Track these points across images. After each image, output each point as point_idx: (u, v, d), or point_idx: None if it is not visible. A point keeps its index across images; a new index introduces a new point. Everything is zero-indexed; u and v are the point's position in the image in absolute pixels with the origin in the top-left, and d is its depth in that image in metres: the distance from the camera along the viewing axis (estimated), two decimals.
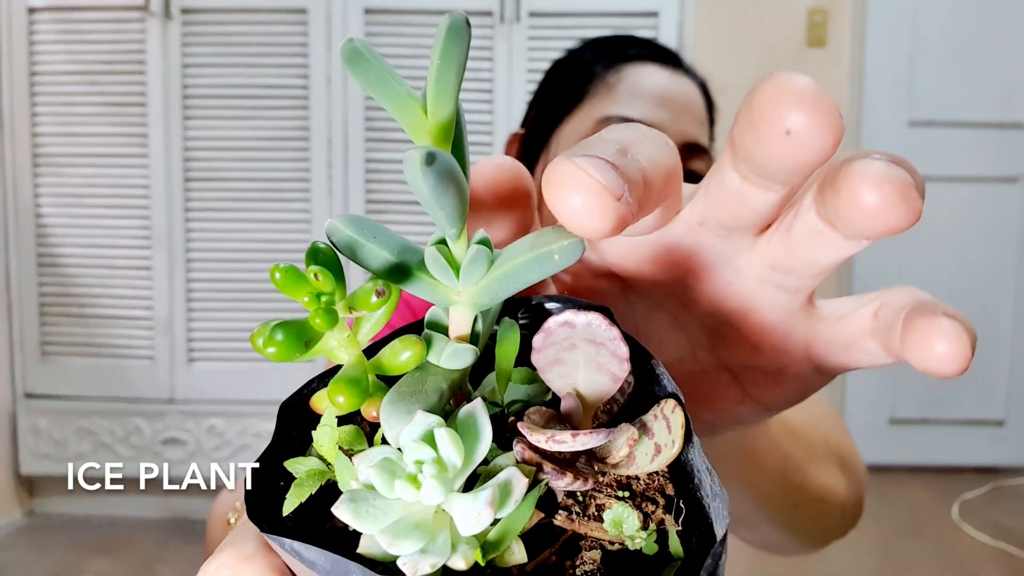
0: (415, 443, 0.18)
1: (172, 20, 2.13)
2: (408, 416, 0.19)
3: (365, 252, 0.19)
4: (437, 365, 0.21)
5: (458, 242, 0.19)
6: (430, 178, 0.16)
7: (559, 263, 0.19)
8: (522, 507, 0.18)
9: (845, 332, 0.23)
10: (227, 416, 2.24)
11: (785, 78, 0.18)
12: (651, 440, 0.20)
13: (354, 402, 0.19)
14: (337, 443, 0.20)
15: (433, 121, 0.18)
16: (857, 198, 0.18)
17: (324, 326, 0.18)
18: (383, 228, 0.20)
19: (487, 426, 0.19)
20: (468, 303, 0.20)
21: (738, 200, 0.21)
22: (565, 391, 0.21)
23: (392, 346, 0.20)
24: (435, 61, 0.17)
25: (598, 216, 0.17)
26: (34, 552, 2.13)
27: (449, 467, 0.18)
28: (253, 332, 0.19)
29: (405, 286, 0.20)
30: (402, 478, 0.18)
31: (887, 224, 0.19)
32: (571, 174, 0.17)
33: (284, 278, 0.18)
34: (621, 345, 0.20)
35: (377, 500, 0.18)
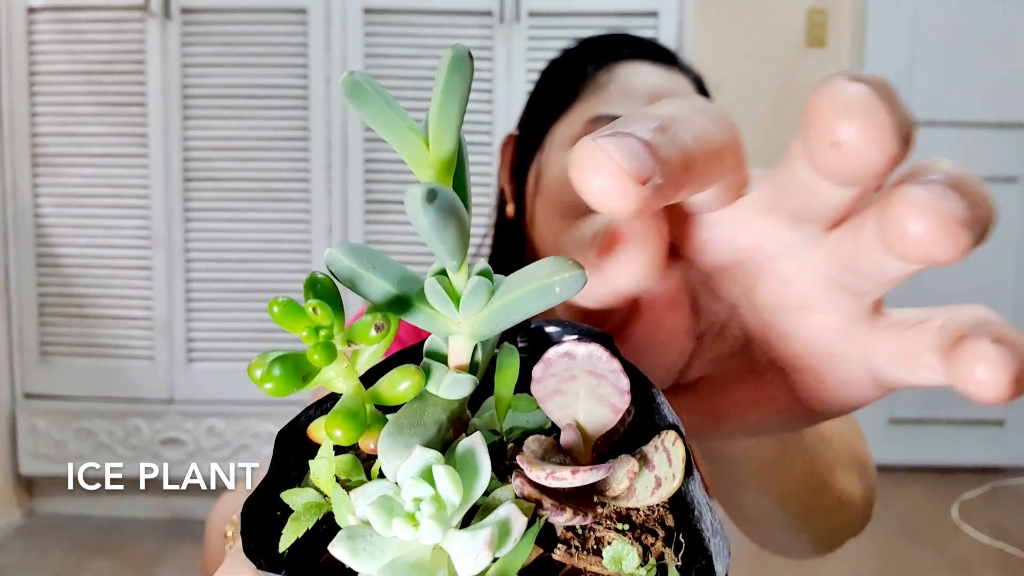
0: (413, 480, 0.18)
1: (172, 20, 2.13)
2: (406, 450, 0.19)
3: (365, 283, 0.19)
4: (436, 395, 0.20)
5: (458, 273, 0.19)
6: (431, 215, 0.16)
7: (559, 295, 0.18)
8: (521, 544, 0.18)
9: (910, 344, 0.22)
10: (226, 416, 2.24)
11: (839, 86, 0.17)
12: (652, 472, 0.20)
13: (352, 436, 0.19)
14: (334, 474, 0.20)
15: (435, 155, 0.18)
16: (900, 225, 0.18)
17: (322, 361, 0.18)
18: (383, 257, 0.20)
19: (486, 462, 0.19)
20: (468, 333, 0.20)
21: (809, 192, 0.20)
22: (565, 422, 0.20)
23: (390, 376, 0.20)
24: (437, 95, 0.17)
25: (618, 198, 0.17)
26: (33, 553, 2.13)
27: (447, 505, 0.18)
28: (250, 363, 0.19)
29: (405, 316, 0.20)
30: (400, 516, 0.17)
31: (928, 256, 0.18)
32: (591, 155, 0.17)
33: (283, 312, 0.18)
34: (622, 377, 0.19)
35: (374, 538, 0.18)
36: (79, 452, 2.25)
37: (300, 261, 2.21)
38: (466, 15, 2.14)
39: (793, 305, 0.23)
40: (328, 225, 2.19)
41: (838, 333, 0.23)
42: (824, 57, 2.62)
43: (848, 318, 0.23)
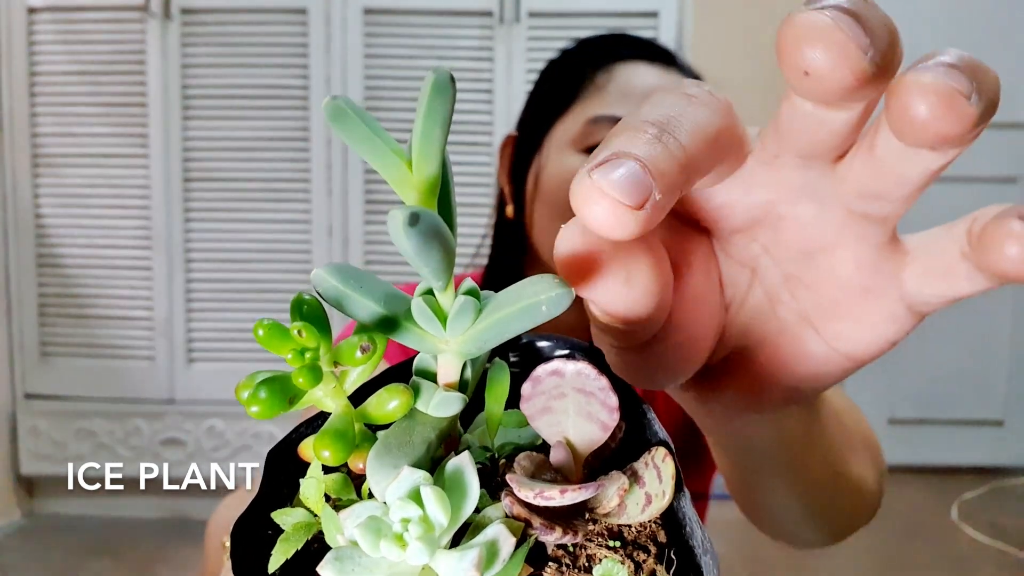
0: (401, 501, 0.18)
1: (172, 20, 2.13)
2: (395, 471, 0.19)
3: (351, 303, 0.19)
4: (425, 413, 0.20)
5: (445, 293, 0.19)
6: (414, 238, 0.16)
7: (547, 314, 0.18)
8: (510, 565, 0.18)
9: (941, 258, 0.22)
10: (227, 417, 2.24)
11: (798, 18, 0.18)
12: (642, 489, 0.20)
13: (341, 456, 0.19)
14: (324, 493, 0.20)
15: (418, 177, 0.18)
16: (905, 110, 0.18)
17: (308, 384, 0.18)
18: (370, 277, 0.20)
19: (475, 482, 0.19)
20: (456, 352, 0.20)
21: (814, 123, 0.20)
22: (555, 439, 0.20)
23: (379, 395, 0.20)
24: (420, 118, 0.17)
25: (619, 226, 0.18)
26: (34, 553, 2.13)
27: (436, 526, 0.18)
28: (239, 384, 0.19)
29: (393, 336, 0.20)
30: (388, 537, 0.17)
31: (938, 133, 0.18)
32: (587, 193, 0.18)
33: (267, 334, 0.18)
34: (611, 395, 0.19)
35: (362, 559, 0.18)
36: (79, 452, 2.26)
37: (300, 261, 2.22)
38: (466, 15, 2.13)
39: (818, 247, 0.23)
40: (328, 225, 2.19)
41: (868, 265, 0.23)
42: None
43: (874, 247, 0.22)
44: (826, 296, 0.24)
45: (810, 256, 0.23)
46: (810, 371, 0.25)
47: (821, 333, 0.24)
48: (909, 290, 0.22)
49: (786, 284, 0.25)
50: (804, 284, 0.24)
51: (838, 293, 0.23)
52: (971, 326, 2.69)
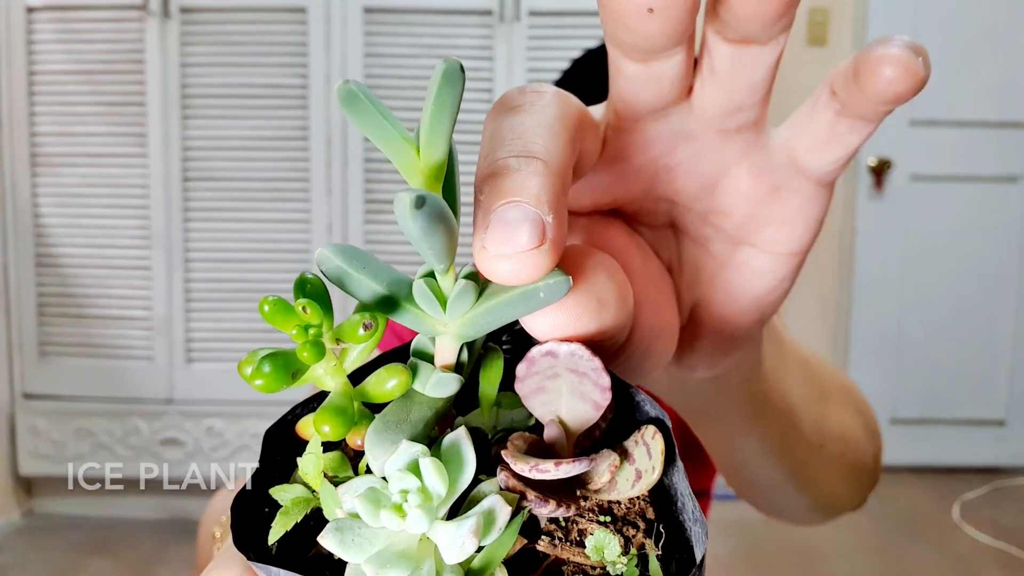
0: (400, 472, 0.18)
1: (171, 19, 2.13)
2: (393, 446, 0.19)
3: (354, 283, 0.20)
4: (422, 393, 0.21)
5: (446, 276, 0.20)
6: (419, 220, 0.17)
7: (544, 300, 0.19)
8: (505, 534, 0.18)
9: (820, 127, 0.23)
10: (226, 416, 2.25)
11: None
12: (632, 466, 0.20)
13: (340, 431, 0.19)
14: (322, 470, 0.21)
15: (425, 162, 0.18)
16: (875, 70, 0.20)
17: (312, 359, 0.18)
18: (372, 259, 0.20)
19: (471, 455, 0.19)
20: (454, 334, 0.20)
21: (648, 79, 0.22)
22: (548, 419, 0.21)
23: (378, 374, 0.21)
24: (429, 105, 0.17)
25: (536, 268, 0.18)
26: (33, 552, 2.13)
27: (434, 496, 0.18)
28: (241, 360, 0.19)
29: (393, 316, 0.20)
30: (387, 508, 0.18)
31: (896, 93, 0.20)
32: (493, 264, 0.18)
33: (273, 310, 0.18)
34: (603, 375, 0.20)
35: (362, 529, 0.18)
36: (78, 452, 2.26)
37: (300, 261, 2.22)
38: (466, 14, 2.14)
39: (713, 176, 0.24)
40: (328, 224, 2.20)
41: (763, 169, 0.24)
42: (825, 56, 2.62)
43: (760, 151, 0.24)
44: (744, 213, 0.25)
45: (712, 188, 0.25)
46: (765, 284, 0.26)
47: (758, 246, 0.25)
48: (808, 168, 0.24)
49: (705, 222, 0.26)
50: (720, 213, 0.25)
51: (752, 205, 0.25)
52: (973, 326, 2.70)
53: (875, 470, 0.55)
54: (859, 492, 0.54)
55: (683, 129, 0.23)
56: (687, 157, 0.24)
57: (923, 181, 2.66)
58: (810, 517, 0.55)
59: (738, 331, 0.27)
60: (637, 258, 0.26)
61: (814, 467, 0.47)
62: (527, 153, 0.19)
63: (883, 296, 2.71)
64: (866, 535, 2.30)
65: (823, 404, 0.46)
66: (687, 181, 0.25)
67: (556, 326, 0.20)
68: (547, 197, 0.19)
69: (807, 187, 0.24)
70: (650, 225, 0.27)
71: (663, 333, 0.26)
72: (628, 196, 0.25)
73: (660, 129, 0.23)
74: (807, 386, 0.44)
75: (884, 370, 2.68)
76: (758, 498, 0.53)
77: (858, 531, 2.32)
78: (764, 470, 0.46)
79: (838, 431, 0.48)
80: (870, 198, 2.68)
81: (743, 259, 0.26)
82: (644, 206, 0.26)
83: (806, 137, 0.23)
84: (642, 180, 0.25)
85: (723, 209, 0.25)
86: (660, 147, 0.24)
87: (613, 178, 0.25)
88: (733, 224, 0.25)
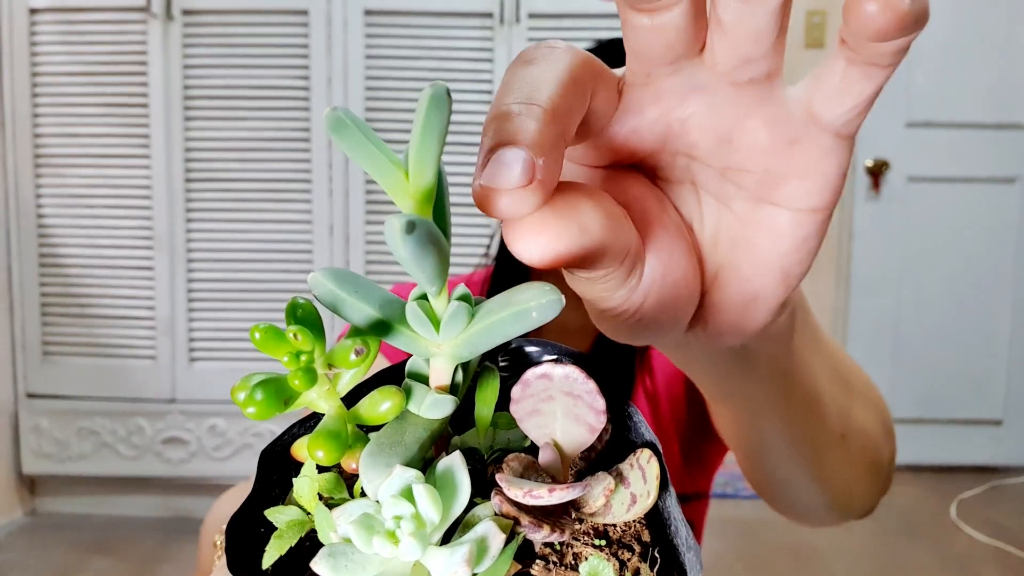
0: (394, 499, 0.18)
1: (173, 21, 2.13)
2: (387, 470, 0.19)
3: (347, 307, 0.20)
4: (417, 415, 0.21)
5: (439, 298, 0.20)
6: (410, 245, 0.17)
7: (536, 320, 0.19)
8: (499, 561, 0.18)
9: (831, 76, 0.23)
10: (228, 416, 2.25)
11: None
12: (627, 490, 0.20)
13: (334, 456, 0.19)
14: (317, 492, 0.21)
15: (415, 186, 0.18)
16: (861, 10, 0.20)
17: (304, 386, 0.18)
18: (365, 282, 0.20)
19: (465, 481, 0.19)
20: (448, 355, 0.20)
21: (654, 30, 0.22)
22: (543, 441, 0.21)
23: (372, 397, 0.20)
24: (417, 130, 0.18)
25: (525, 205, 0.20)
26: (36, 551, 2.14)
27: (427, 523, 0.18)
28: (234, 385, 0.19)
29: (387, 339, 0.20)
30: (380, 534, 0.18)
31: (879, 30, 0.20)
32: (485, 198, 0.20)
33: (264, 338, 0.18)
34: (598, 398, 0.20)
35: (355, 555, 0.18)
36: (81, 451, 2.26)
37: (302, 261, 2.22)
38: (466, 16, 2.14)
39: (728, 130, 0.24)
40: (329, 225, 2.20)
41: (780, 121, 0.24)
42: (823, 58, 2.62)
43: (776, 103, 0.24)
44: (762, 167, 0.25)
45: (728, 141, 0.25)
46: (789, 243, 0.26)
47: (779, 203, 0.25)
48: (825, 119, 0.24)
49: (725, 178, 0.26)
50: (738, 169, 0.25)
51: (770, 159, 0.25)
52: (970, 327, 2.70)
53: (889, 473, 0.55)
54: (873, 492, 0.54)
55: (696, 82, 0.24)
56: (700, 109, 0.24)
57: (920, 182, 2.66)
58: (823, 515, 0.54)
59: (762, 293, 0.27)
60: (654, 207, 0.26)
61: (835, 460, 0.46)
62: (530, 100, 0.21)
63: (880, 297, 2.71)
64: (864, 534, 2.30)
65: (848, 396, 0.46)
66: (702, 134, 0.25)
67: (537, 248, 0.21)
68: (541, 140, 0.20)
69: (825, 139, 0.24)
70: (670, 181, 0.27)
71: (682, 283, 0.26)
72: (645, 150, 0.26)
73: (673, 83, 0.24)
74: (834, 375, 0.43)
75: (882, 370, 2.68)
76: (774, 491, 0.52)
77: (856, 530, 2.32)
78: (784, 459, 0.45)
79: (861, 426, 0.47)
80: (867, 199, 2.68)
81: (765, 217, 0.26)
82: (662, 161, 0.26)
83: (821, 88, 0.23)
84: (657, 133, 0.25)
85: (741, 164, 0.25)
86: (672, 99, 0.24)
87: (628, 131, 0.25)
88: (753, 180, 0.25)
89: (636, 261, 0.24)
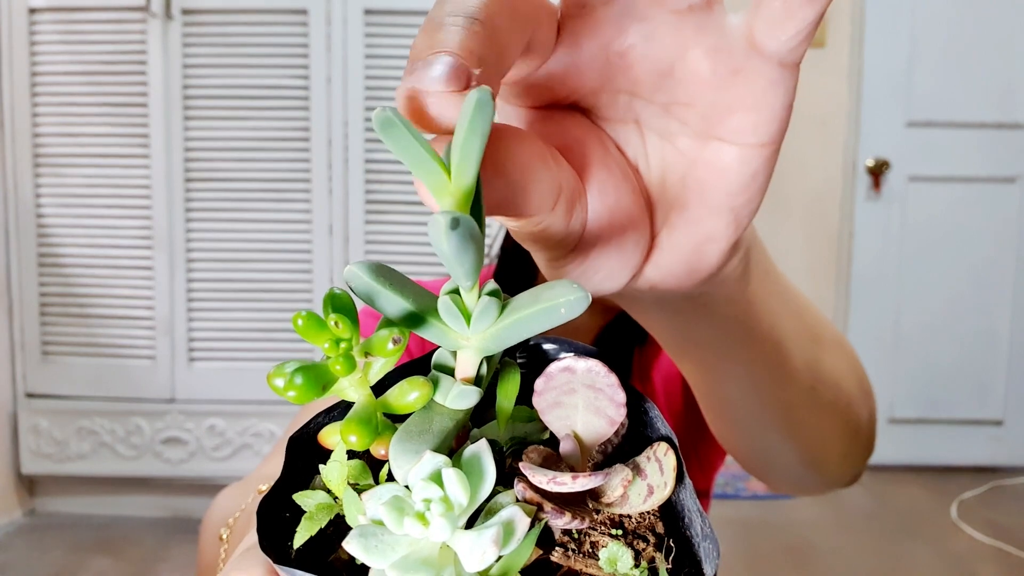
0: (424, 482, 0.19)
1: (173, 21, 2.14)
2: (416, 456, 0.20)
3: (383, 299, 0.20)
4: (443, 405, 0.22)
5: (471, 293, 0.20)
6: (454, 240, 0.18)
7: (564, 316, 0.20)
8: (523, 545, 0.19)
9: (772, 3, 0.22)
10: (227, 415, 2.25)
11: None
12: (644, 481, 0.21)
13: (366, 441, 0.20)
14: (346, 478, 0.21)
15: (456, 185, 0.19)
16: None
17: (344, 372, 0.19)
18: (399, 275, 0.21)
19: (491, 467, 0.20)
20: (476, 348, 0.21)
21: None
22: (564, 433, 0.22)
23: (400, 387, 0.21)
24: (461, 131, 0.18)
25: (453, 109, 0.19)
26: (35, 551, 2.14)
27: (455, 506, 0.19)
28: (269, 372, 0.20)
29: (418, 331, 0.21)
30: (411, 515, 0.19)
31: None
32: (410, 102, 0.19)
33: (306, 325, 0.19)
34: (619, 391, 0.21)
35: (386, 536, 0.19)
36: (80, 451, 2.26)
37: (301, 261, 2.22)
38: None
39: (669, 61, 0.24)
40: (329, 225, 2.20)
41: (721, 51, 0.23)
42: (824, 57, 2.63)
43: (716, 32, 0.23)
44: (706, 100, 0.24)
45: (669, 74, 0.24)
46: (737, 180, 0.25)
47: (724, 138, 0.25)
48: (768, 48, 0.23)
49: (668, 115, 0.25)
50: (682, 103, 0.25)
51: (713, 91, 0.24)
52: (970, 327, 2.71)
53: (869, 436, 0.52)
54: (852, 454, 0.51)
55: (634, 12, 0.23)
56: (639, 40, 0.23)
57: (920, 182, 2.67)
58: (800, 476, 0.52)
59: (713, 233, 0.26)
60: (595, 148, 0.25)
61: (804, 411, 0.45)
62: (464, 13, 0.20)
63: (880, 296, 2.72)
64: (864, 534, 2.31)
65: (815, 346, 0.44)
66: (642, 67, 0.24)
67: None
68: (479, 51, 0.19)
69: (769, 69, 0.23)
70: (613, 120, 0.26)
71: (628, 225, 0.25)
72: (584, 87, 0.25)
73: (609, 12, 0.23)
74: (798, 321, 0.42)
75: (882, 370, 2.69)
76: (746, 448, 0.50)
77: (856, 530, 2.33)
78: (751, 411, 0.44)
79: (830, 377, 0.46)
80: (868, 199, 2.69)
81: (712, 154, 0.25)
82: (603, 100, 0.25)
83: (762, 15, 0.22)
84: (596, 68, 0.24)
85: (684, 99, 0.24)
86: (610, 31, 0.23)
87: (567, 67, 0.24)
88: (697, 115, 0.24)
89: (573, 203, 0.23)
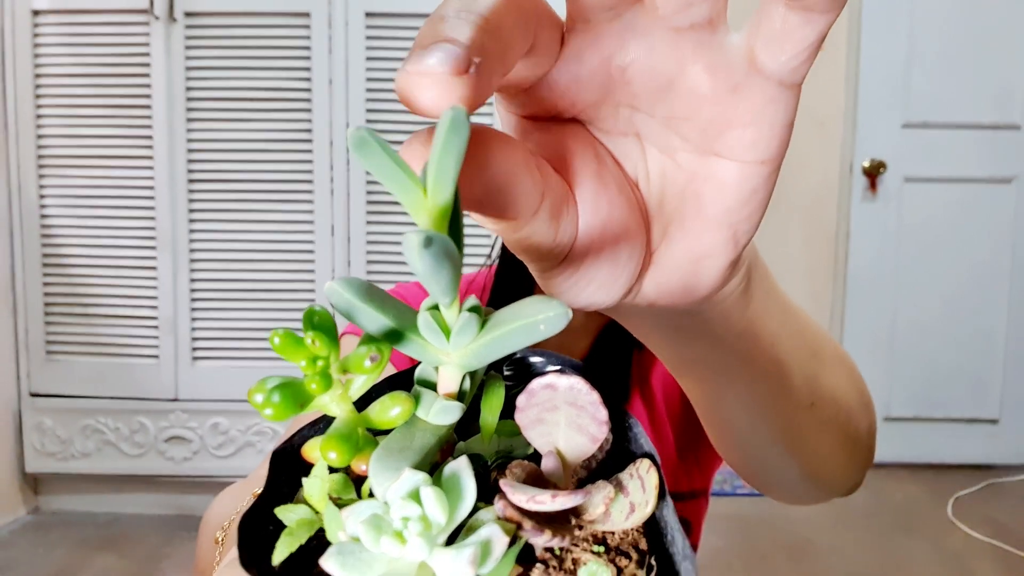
0: (402, 500, 0.19)
1: (176, 23, 2.14)
2: (396, 472, 0.20)
3: (362, 315, 0.20)
4: (425, 421, 0.22)
5: (450, 309, 0.20)
6: (427, 259, 0.18)
7: (544, 332, 0.20)
8: (502, 564, 0.19)
9: (771, 22, 0.22)
10: (230, 414, 2.26)
11: None
12: (626, 499, 0.21)
13: (345, 458, 0.20)
14: (327, 493, 0.21)
15: (432, 203, 0.19)
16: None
17: (320, 390, 0.19)
18: (380, 291, 0.21)
19: (471, 485, 0.20)
20: (457, 364, 0.21)
21: None
22: (547, 450, 0.22)
23: (382, 402, 0.21)
24: (436, 150, 0.18)
25: (450, 93, 0.19)
26: (39, 549, 2.15)
27: (433, 524, 0.19)
28: (251, 388, 0.20)
29: (399, 347, 0.21)
30: (388, 534, 0.19)
31: None
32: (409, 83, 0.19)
33: (283, 343, 0.19)
34: (601, 409, 0.21)
35: (363, 553, 0.19)
36: (84, 449, 2.27)
37: (303, 261, 2.23)
38: None
39: (669, 76, 0.24)
40: (331, 225, 2.21)
41: (721, 68, 0.23)
42: (820, 58, 2.62)
43: (716, 50, 0.23)
44: (705, 116, 0.24)
45: (669, 89, 0.24)
46: (736, 196, 0.25)
47: (724, 154, 0.25)
48: (767, 67, 0.23)
49: (668, 129, 0.25)
50: (681, 118, 0.25)
51: (713, 107, 0.24)
52: (966, 326, 2.71)
53: (869, 447, 0.52)
54: (852, 466, 0.52)
55: (636, 28, 0.23)
56: (640, 55, 0.24)
57: (916, 182, 2.67)
58: (802, 489, 0.52)
59: (712, 250, 0.26)
60: (591, 160, 0.25)
61: (804, 427, 0.45)
62: (468, 9, 0.20)
63: (876, 296, 2.71)
64: (861, 531, 2.31)
65: (815, 363, 0.44)
66: (642, 82, 0.24)
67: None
68: (481, 43, 0.19)
69: (769, 87, 0.23)
70: (614, 134, 0.26)
71: (622, 238, 0.25)
72: (586, 100, 0.25)
73: (612, 29, 0.23)
74: (798, 339, 0.41)
75: (878, 369, 2.69)
76: (747, 463, 0.50)
77: (853, 527, 2.33)
78: (752, 428, 0.44)
79: (830, 393, 0.46)
80: (864, 199, 2.69)
81: (711, 169, 0.25)
82: (604, 112, 0.25)
83: (761, 34, 0.22)
84: (597, 81, 0.24)
85: (684, 113, 0.24)
86: (612, 44, 0.24)
87: (569, 80, 0.24)
88: (696, 130, 0.24)
89: (558, 212, 0.24)
